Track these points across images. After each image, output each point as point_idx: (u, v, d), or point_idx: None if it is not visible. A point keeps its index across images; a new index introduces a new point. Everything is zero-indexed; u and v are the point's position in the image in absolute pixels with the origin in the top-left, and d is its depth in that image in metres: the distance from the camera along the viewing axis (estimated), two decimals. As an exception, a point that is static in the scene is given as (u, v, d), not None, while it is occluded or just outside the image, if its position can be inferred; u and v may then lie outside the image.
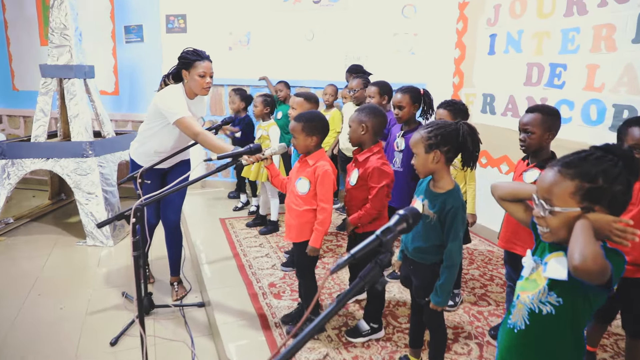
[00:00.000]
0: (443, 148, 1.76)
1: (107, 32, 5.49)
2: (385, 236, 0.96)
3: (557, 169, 1.16)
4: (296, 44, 5.05)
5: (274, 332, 2.46)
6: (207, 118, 5.33)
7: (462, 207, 1.78)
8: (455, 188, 1.81)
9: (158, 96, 2.67)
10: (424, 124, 1.86)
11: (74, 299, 3.08)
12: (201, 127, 2.65)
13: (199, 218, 4.41)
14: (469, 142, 1.77)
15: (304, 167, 2.33)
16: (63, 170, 4.09)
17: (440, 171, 1.80)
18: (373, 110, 2.33)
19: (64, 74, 4.25)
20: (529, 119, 2.10)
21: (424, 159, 1.78)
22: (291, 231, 2.41)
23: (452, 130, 1.76)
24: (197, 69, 2.64)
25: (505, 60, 3.64)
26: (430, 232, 1.82)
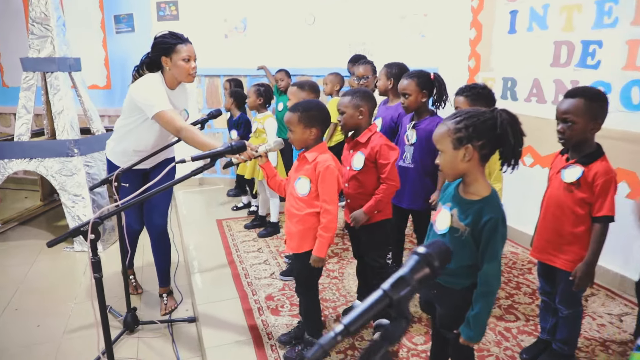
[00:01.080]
0: (476, 142, 1.37)
1: (96, 23, 5.17)
2: (397, 292, 0.61)
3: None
4: (296, 29, 4.68)
5: (269, 357, 2.14)
6: (203, 111, 5.01)
7: (502, 218, 1.39)
8: (492, 194, 1.43)
9: (133, 87, 2.34)
10: (452, 113, 1.47)
11: (53, 314, 2.80)
12: (184, 122, 2.32)
13: (194, 219, 4.10)
14: (510, 133, 1.37)
15: (303, 164, 2.04)
16: (47, 172, 3.80)
17: (473, 172, 1.42)
18: (366, 93, 2.18)
19: (47, 68, 3.94)
20: (570, 105, 1.74)
21: (452, 157, 1.40)
22: (292, 240, 2.09)
23: (488, 119, 1.38)
24: (180, 53, 2.32)
25: (528, 39, 3.24)
26: (460, 250, 1.43)
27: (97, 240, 1.61)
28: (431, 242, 0.69)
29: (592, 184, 1.72)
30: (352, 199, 2.24)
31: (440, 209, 1.52)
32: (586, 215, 1.75)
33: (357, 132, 2.19)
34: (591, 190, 1.72)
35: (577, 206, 1.75)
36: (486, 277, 1.42)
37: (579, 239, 1.78)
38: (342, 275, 2.93)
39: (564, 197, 1.79)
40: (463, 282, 1.48)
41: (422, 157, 2.48)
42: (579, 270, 1.77)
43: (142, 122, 2.40)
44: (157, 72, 2.41)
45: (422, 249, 0.67)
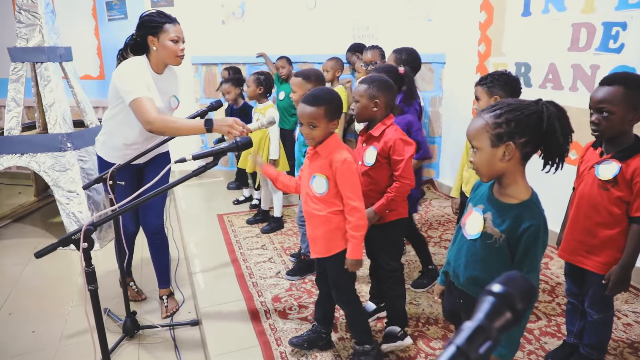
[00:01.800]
0: (519, 140, 1.20)
1: (87, 10, 4.96)
2: (476, 348, 0.47)
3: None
4: (297, 14, 4.48)
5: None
6: (201, 101, 4.83)
7: (544, 225, 1.23)
8: (533, 197, 1.27)
9: (117, 71, 2.16)
10: (490, 105, 1.28)
11: (49, 318, 2.66)
12: (157, 112, 2.10)
13: (194, 214, 3.95)
14: (559, 130, 1.19)
15: (316, 160, 1.86)
16: (40, 167, 3.63)
17: (512, 173, 1.25)
18: (385, 83, 1.96)
19: (36, 58, 3.75)
20: (607, 93, 1.57)
21: (490, 156, 1.23)
22: (317, 244, 1.91)
23: (532, 113, 1.20)
24: (168, 33, 2.16)
25: (544, 21, 3.07)
26: (493, 258, 1.28)
27: (90, 248, 1.47)
28: (508, 278, 0.54)
29: (630, 182, 1.56)
30: (364, 196, 2.09)
31: (471, 211, 1.36)
32: (622, 215, 1.60)
33: (371, 124, 2.02)
34: (629, 188, 1.57)
35: (613, 205, 1.60)
36: None
37: (614, 241, 1.64)
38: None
39: (599, 195, 1.63)
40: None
41: None
42: (614, 273, 1.63)
43: (129, 111, 2.19)
44: (142, 55, 2.24)
45: (498, 287, 0.52)
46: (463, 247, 1.37)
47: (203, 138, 4.92)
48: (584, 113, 2.77)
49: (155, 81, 2.22)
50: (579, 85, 2.86)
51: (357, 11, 4.34)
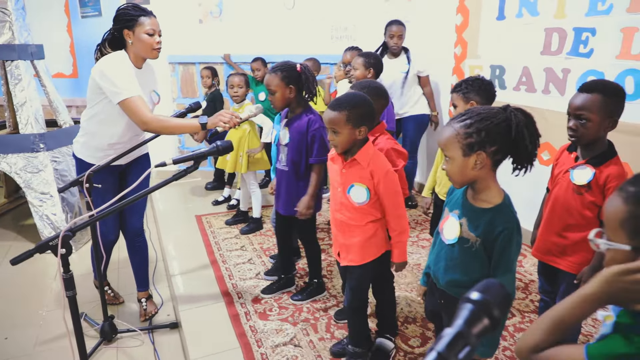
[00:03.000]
0: (489, 148, 1.24)
1: (59, 7, 4.84)
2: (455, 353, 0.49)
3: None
4: (275, 14, 4.48)
5: (260, 367, 2.02)
6: (178, 101, 4.77)
7: (517, 227, 1.28)
8: (505, 201, 1.31)
9: (97, 69, 2.10)
10: (460, 113, 1.31)
11: (23, 324, 2.59)
12: (151, 113, 2.13)
13: (172, 215, 3.91)
14: (527, 137, 1.23)
15: (353, 169, 1.77)
16: (11, 168, 3.53)
17: (484, 179, 1.30)
18: (375, 90, 1.93)
19: (6, 56, 3.63)
20: (585, 100, 1.61)
21: (462, 165, 1.26)
22: (351, 252, 1.85)
23: (502, 121, 1.24)
24: (144, 25, 2.13)
25: (518, 25, 3.15)
26: (471, 261, 1.32)
27: (68, 255, 1.45)
28: (486, 285, 0.57)
29: (603, 187, 1.62)
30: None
31: (447, 216, 1.40)
32: (594, 218, 1.66)
33: None
34: (602, 193, 1.63)
35: (585, 209, 1.66)
36: None
37: (586, 242, 1.69)
38: (331, 273, 2.82)
39: (572, 199, 1.69)
40: None
41: (295, 159, 2.30)
42: (585, 274, 1.69)
43: (112, 109, 2.17)
44: (122, 50, 2.21)
45: (476, 295, 0.55)
46: (442, 251, 1.42)
47: (180, 138, 4.87)
48: (555, 115, 2.89)
49: (136, 76, 2.19)
50: (551, 88, 2.94)
51: (335, 12, 4.37)
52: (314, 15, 4.41)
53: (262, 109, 2.14)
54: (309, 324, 2.32)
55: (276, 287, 2.60)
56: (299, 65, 2.26)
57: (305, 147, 2.25)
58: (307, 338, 2.21)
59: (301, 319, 2.36)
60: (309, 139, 2.24)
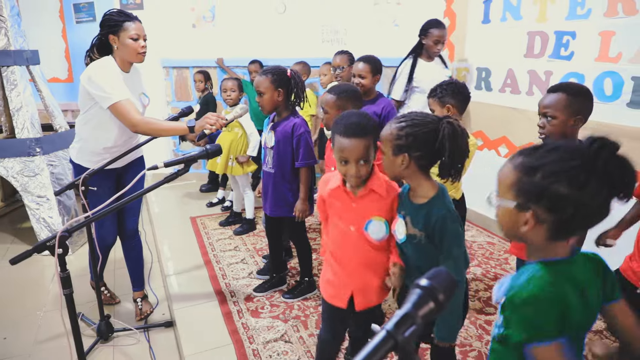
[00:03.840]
0: (414, 153, 1.35)
1: (54, 12, 4.90)
2: (402, 332, 0.57)
3: (512, 157, 1.00)
4: (266, 18, 4.55)
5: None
6: (172, 104, 4.84)
7: (450, 214, 1.37)
8: (438, 193, 1.41)
9: (85, 75, 2.16)
10: (399, 115, 1.42)
11: (21, 325, 2.66)
12: (140, 115, 2.20)
13: (167, 217, 3.97)
14: (447, 149, 1.32)
15: (369, 202, 1.55)
16: (8, 172, 3.59)
17: (414, 178, 1.42)
18: (355, 94, 1.98)
19: (1, 61, 3.69)
20: (551, 100, 1.72)
21: (391, 162, 1.40)
22: (370, 293, 1.64)
23: (429, 131, 1.34)
24: (128, 31, 2.19)
25: (502, 29, 3.24)
26: (423, 255, 1.44)
27: (65, 254, 1.51)
28: (434, 273, 0.64)
29: None
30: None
31: (396, 219, 1.51)
32: None
33: None
34: None
35: None
36: None
37: None
38: (322, 272, 2.90)
39: None
40: None
41: (281, 162, 2.36)
42: None
43: (104, 114, 2.23)
44: (109, 55, 2.27)
45: (424, 282, 0.63)
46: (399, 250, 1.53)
47: (175, 140, 4.93)
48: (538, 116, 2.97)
49: (124, 80, 2.25)
50: (534, 90, 3.03)
51: (326, 16, 4.44)
52: (304, 19, 4.48)
53: (247, 109, 2.20)
54: (299, 320, 2.39)
55: (268, 286, 2.67)
56: (290, 70, 2.32)
57: (290, 150, 2.32)
58: (297, 334, 2.28)
59: (292, 316, 2.43)
60: (295, 143, 2.30)
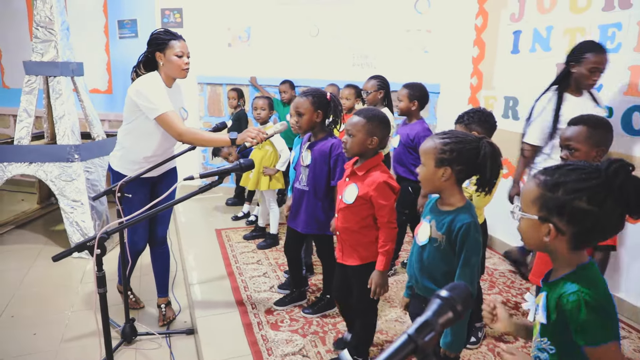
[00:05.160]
0: (456, 167, 1.48)
1: (99, 27, 5.17)
2: (422, 336, 0.62)
3: (536, 174, 1.10)
4: (300, 40, 4.71)
5: (269, 373, 2.13)
6: (204, 119, 5.01)
7: (474, 224, 1.48)
8: (466, 205, 1.53)
9: (133, 89, 2.32)
10: (442, 131, 1.55)
11: (50, 322, 2.77)
12: (185, 125, 2.35)
13: (193, 228, 4.09)
14: (488, 166, 1.47)
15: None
16: (47, 176, 3.78)
17: (448, 189, 1.53)
18: (383, 120, 1.96)
19: (49, 72, 3.93)
20: (572, 132, 1.77)
21: (431, 174, 1.51)
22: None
23: (472, 148, 1.48)
24: (173, 48, 2.35)
25: (531, 60, 3.28)
26: (440, 259, 1.53)
27: (103, 255, 1.61)
28: (453, 285, 0.70)
29: None
30: (342, 231, 2.06)
31: (421, 222, 1.61)
32: None
33: (360, 159, 1.99)
34: None
35: None
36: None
37: None
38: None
39: None
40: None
41: (316, 180, 2.40)
42: None
43: (147, 125, 2.38)
44: (154, 71, 2.42)
45: (444, 293, 0.68)
46: (417, 254, 1.61)
47: (205, 154, 5.09)
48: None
49: (167, 94, 2.39)
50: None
51: (357, 40, 4.57)
52: (336, 42, 4.62)
53: (286, 125, 2.31)
54: (317, 336, 2.43)
55: (288, 300, 2.72)
56: (329, 94, 2.41)
57: (327, 169, 2.38)
58: (315, 349, 2.32)
59: (310, 331, 2.47)
60: (332, 163, 2.36)
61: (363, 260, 2.02)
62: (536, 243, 1.08)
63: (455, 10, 4.09)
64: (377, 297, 1.97)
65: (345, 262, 2.08)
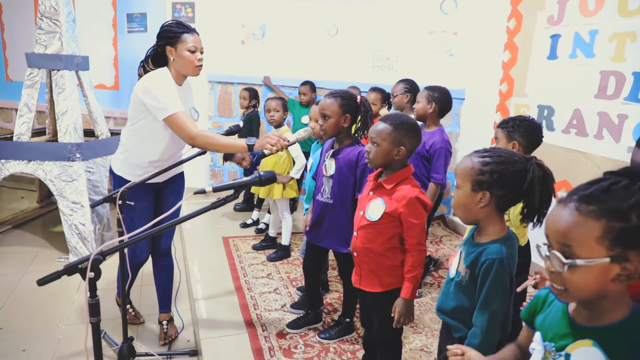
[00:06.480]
0: (497, 192, 1.26)
1: (107, 21, 4.96)
2: None
3: (574, 205, 0.84)
4: (318, 39, 4.47)
5: (282, 411, 1.89)
6: (213, 119, 4.79)
7: (501, 262, 1.24)
8: (504, 237, 1.29)
9: (141, 86, 2.09)
10: (482, 148, 1.32)
11: (42, 336, 2.55)
12: (198, 127, 2.11)
13: (199, 236, 3.84)
14: (538, 193, 1.23)
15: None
16: (46, 175, 3.56)
17: (487, 218, 1.30)
18: (413, 128, 1.72)
19: (53, 65, 3.71)
20: None
21: (467, 198, 1.29)
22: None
23: (517, 170, 1.25)
24: (186, 43, 2.11)
25: (570, 66, 3.02)
26: (459, 296, 1.33)
27: (97, 279, 1.38)
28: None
29: None
30: (358, 250, 1.82)
31: (456, 252, 1.40)
32: None
33: (385, 171, 1.77)
34: None
35: None
36: (474, 330, 1.28)
37: None
38: (360, 311, 2.68)
39: None
40: (460, 330, 1.34)
41: (342, 192, 2.15)
42: None
43: (154, 127, 2.15)
44: (164, 67, 2.19)
45: None
46: (445, 285, 1.43)
47: (212, 156, 4.86)
48: (609, 163, 2.73)
49: (178, 93, 2.16)
50: (604, 134, 2.79)
51: (378, 41, 4.32)
52: (356, 43, 4.38)
53: (311, 132, 2.08)
54: (335, 366, 2.19)
55: (302, 323, 2.48)
56: (360, 97, 2.16)
57: (353, 179, 2.13)
58: (332, 382, 2.07)
59: (327, 359, 2.23)
60: (359, 173, 2.11)
61: (385, 287, 1.78)
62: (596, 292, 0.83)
63: (485, 12, 3.83)
64: (400, 326, 1.74)
65: (363, 287, 1.84)
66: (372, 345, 2.00)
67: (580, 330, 0.89)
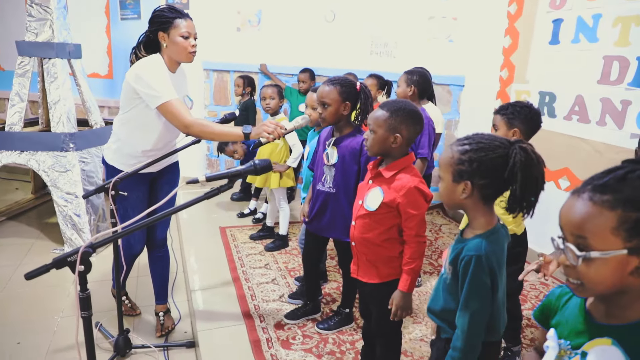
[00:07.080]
0: (478, 181, 1.18)
1: (99, 7, 4.85)
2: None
3: (588, 195, 0.78)
4: (314, 26, 4.38)
5: (280, 403, 1.86)
6: (209, 107, 4.72)
7: (479, 259, 1.16)
8: (489, 231, 1.21)
9: (132, 73, 2.03)
10: (463, 136, 1.25)
11: (36, 330, 2.51)
12: (192, 115, 2.05)
13: (196, 225, 3.80)
14: (519, 180, 1.14)
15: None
16: (39, 166, 3.50)
17: (473, 209, 1.23)
18: (411, 114, 1.65)
19: (44, 53, 3.63)
20: None
21: (450, 189, 1.22)
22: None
23: (498, 157, 1.16)
24: (179, 28, 2.05)
25: (573, 51, 2.96)
26: (442, 297, 1.29)
27: (87, 272, 1.33)
28: None
29: None
30: (357, 240, 1.79)
31: (445, 250, 1.35)
32: None
33: (385, 159, 1.72)
34: None
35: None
36: (456, 332, 1.22)
37: None
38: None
39: None
40: (447, 331, 1.30)
41: (345, 181, 2.10)
42: None
43: (147, 115, 2.09)
44: (157, 54, 2.12)
45: None
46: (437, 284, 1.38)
47: (209, 145, 4.80)
48: (612, 149, 2.68)
49: (171, 80, 2.10)
50: (607, 120, 2.74)
51: (376, 27, 4.24)
52: (354, 29, 4.29)
53: (308, 119, 2.03)
54: (334, 357, 2.16)
55: (301, 313, 2.44)
56: (359, 84, 2.10)
57: (357, 168, 2.07)
58: (332, 373, 2.05)
59: (326, 350, 2.20)
60: (363, 161, 2.04)
61: (382, 279, 1.75)
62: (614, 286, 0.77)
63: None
64: (398, 319, 1.70)
65: (361, 278, 1.81)
66: (372, 336, 1.97)
67: (598, 328, 0.83)
